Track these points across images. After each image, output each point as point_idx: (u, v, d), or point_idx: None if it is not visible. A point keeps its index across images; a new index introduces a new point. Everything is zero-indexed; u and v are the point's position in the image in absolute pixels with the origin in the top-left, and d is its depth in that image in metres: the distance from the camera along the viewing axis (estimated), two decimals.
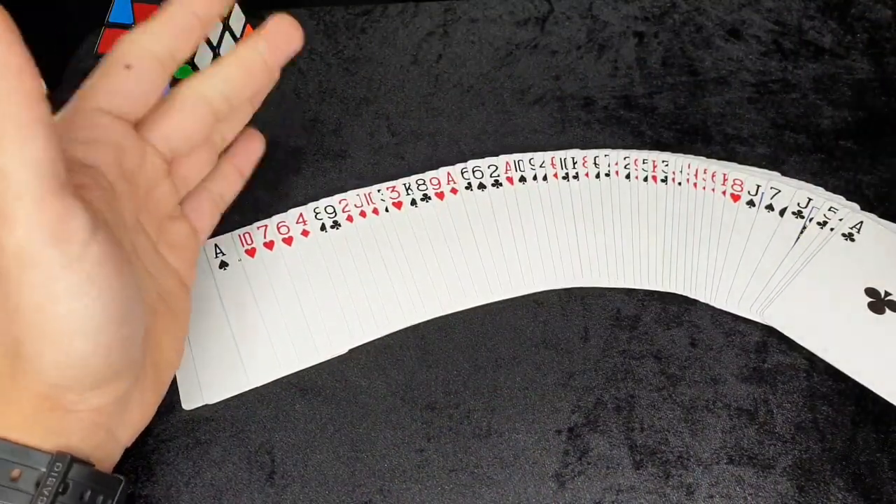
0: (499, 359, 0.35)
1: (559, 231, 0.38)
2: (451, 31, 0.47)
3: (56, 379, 0.24)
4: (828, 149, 0.40)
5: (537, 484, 0.32)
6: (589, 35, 0.46)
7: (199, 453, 0.33)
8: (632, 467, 0.32)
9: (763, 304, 0.35)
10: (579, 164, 0.40)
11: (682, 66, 0.44)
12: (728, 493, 0.31)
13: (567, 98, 0.44)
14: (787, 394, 0.33)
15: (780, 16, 0.46)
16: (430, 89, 0.45)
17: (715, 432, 0.33)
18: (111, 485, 0.27)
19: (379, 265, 0.37)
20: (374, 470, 0.33)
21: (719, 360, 0.34)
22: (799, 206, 0.38)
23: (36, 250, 0.21)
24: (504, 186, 0.39)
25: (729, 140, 0.41)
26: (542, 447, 0.33)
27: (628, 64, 0.45)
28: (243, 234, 0.38)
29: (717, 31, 0.46)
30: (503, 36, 0.47)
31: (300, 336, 0.35)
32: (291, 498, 0.32)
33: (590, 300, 0.36)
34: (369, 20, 0.48)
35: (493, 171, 0.40)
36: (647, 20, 0.47)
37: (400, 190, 0.39)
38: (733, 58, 0.44)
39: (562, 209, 0.38)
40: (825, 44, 0.45)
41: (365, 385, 0.35)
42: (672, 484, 0.32)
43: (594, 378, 0.34)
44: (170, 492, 0.32)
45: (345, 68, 0.46)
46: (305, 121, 0.44)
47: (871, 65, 0.44)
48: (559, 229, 0.38)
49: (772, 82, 0.43)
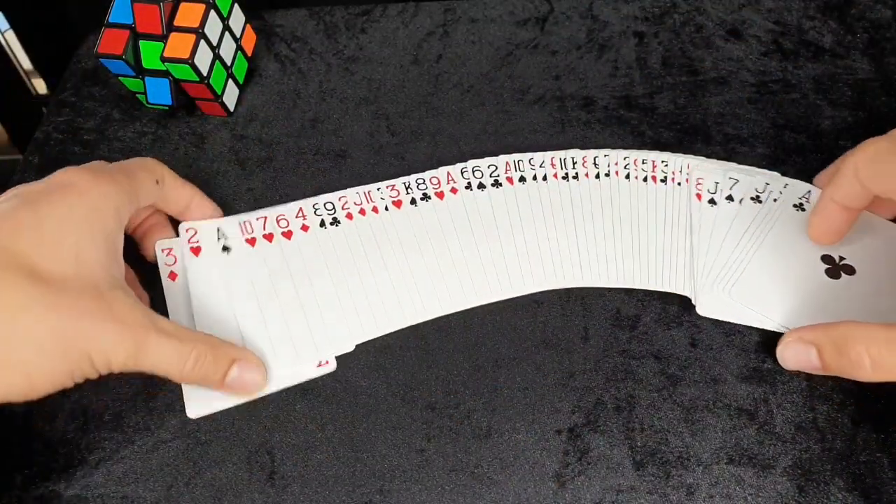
0: (499, 359, 0.35)
1: (558, 231, 0.38)
2: (451, 30, 0.47)
3: None
4: (828, 149, 0.40)
5: (537, 484, 0.32)
6: (589, 35, 0.46)
7: (199, 453, 0.33)
8: (632, 467, 0.32)
9: (730, 283, 0.36)
10: (579, 164, 0.40)
11: (682, 66, 0.44)
12: (728, 494, 0.31)
13: (567, 98, 0.43)
14: (787, 394, 0.33)
15: (781, 16, 0.46)
16: (430, 89, 0.45)
17: (715, 432, 0.33)
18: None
19: (378, 263, 0.37)
20: (374, 470, 0.33)
21: (719, 360, 0.34)
22: (757, 190, 0.38)
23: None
24: (504, 186, 0.39)
25: (729, 140, 0.41)
26: (542, 447, 0.33)
27: (628, 64, 0.45)
28: (244, 221, 0.38)
29: (718, 31, 0.46)
30: (503, 36, 0.47)
31: (300, 334, 0.35)
32: (291, 498, 0.32)
33: (590, 300, 0.36)
34: (369, 20, 0.48)
35: (492, 171, 0.40)
36: (647, 20, 0.47)
37: (400, 189, 0.39)
38: (733, 58, 0.44)
39: (561, 209, 0.38)
40: (825, 44, 0.45)
41: (365, 385, 0.35)
42: (672, 484, 0.32)
43: (594, 378, 0.34)
44: (170, 492, 0.32)
45: (345, 68, 0.46)
46: (305, 121, 0.44)
47: (871, 65, 0.44)
48: (559, 229, 0.38)
49: (772, 82, 0.43)
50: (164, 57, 0.40)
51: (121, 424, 0.34)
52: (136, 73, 0.42)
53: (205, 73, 0.41)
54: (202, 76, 0.41)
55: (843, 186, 0.34)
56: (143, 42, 0.41)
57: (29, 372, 0.28)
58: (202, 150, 0.43)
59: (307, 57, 0.47)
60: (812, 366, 0.32)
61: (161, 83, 0.42)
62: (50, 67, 0.65)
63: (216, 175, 0.42)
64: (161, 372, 0.31)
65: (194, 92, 0.43)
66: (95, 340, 0.29)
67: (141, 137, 0.44)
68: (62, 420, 0.35)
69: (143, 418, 0.34)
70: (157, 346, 0.30)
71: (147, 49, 0.41)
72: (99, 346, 0.29)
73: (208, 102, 0.43)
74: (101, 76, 0.47)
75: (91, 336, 0.29)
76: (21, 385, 0.28)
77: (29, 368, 0.28)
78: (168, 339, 0.30)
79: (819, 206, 0.36)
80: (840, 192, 0.34)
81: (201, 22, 0.41)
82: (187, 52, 0.40)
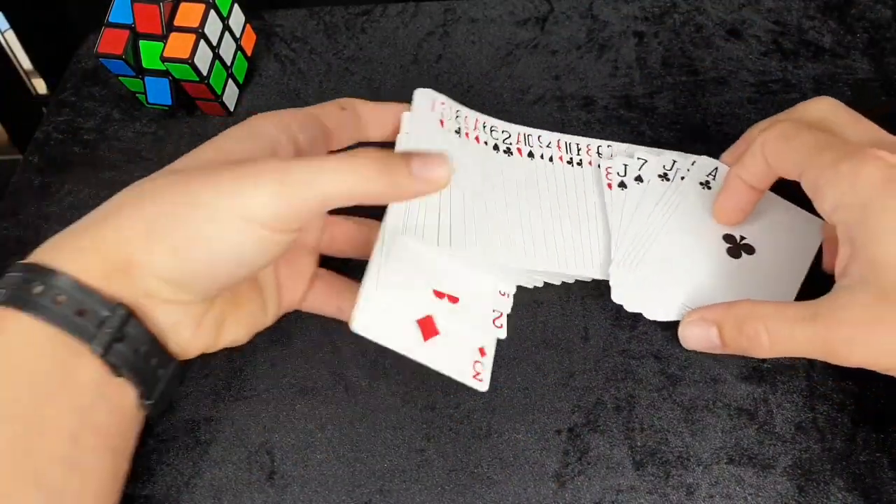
0: (499, 358, 0.35)
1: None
2: (451, 30, 0.47)
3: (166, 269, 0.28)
4: None
5: (537, 484, 0.32)
6: (589, 35, 0.46)
7: (199, 453, 0.33)
8: (632, 467, 0.32)
9: (635, 263, 0.35)
10: (583, 150, 0.40)
11: (682, 66, 0.44)
12: (728, 494, 0.31)
13: (567, 98, 0.43)
14: (787, 394, 0.33)
15: (780, 16, 0.46)
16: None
17: (715, 432, 0.33)
18: (165, 356, 0.29)
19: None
20: (374, 470, 0.33)
21: (719, 360, 0.34)
22: (665, 168, 0.38)
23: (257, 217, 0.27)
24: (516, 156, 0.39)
25: (729, 140, 0.41)
26: (542, 447, 0.33)
27: (628, 64, 0.45)
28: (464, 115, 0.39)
29: (718, 30, 0.46)
30: (503, 36, 0.47)
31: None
32: (291, 498, 0.32)
33: (589, 300, 0.36)
34: (369, 20, 0.48)
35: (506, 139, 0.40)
36: (647, 20, 0.47)
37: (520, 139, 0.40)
38: (733, 58, 0.44)
39: (565, 193, 0.38)
40: (825, 44, 0.45)
41: (365, 385, 0.35)
42: (672, 484, 0.32)
43: (594, 378, 0.34)
44: (170, 492, 0.32)
45: (345, 68, 0.46)
46: None
47: (871, 65, 0.44)
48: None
49: (772, 82, 0.43)
50: (164, 57, 0.40)
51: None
52: (136, 72, 0.42)
53: (205, 72, 0.41)
54: (202, 76, 0.41)
55: (750, 165, 0.34)
56: (142, 42, 0.41)
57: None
58: None
59: (307, 57, 0.47)
60: (712, 345, 0.32)
61: (161, 83, 0.42)
62: (50, 67, 0.65)
63: None
64: (337, 192, 0.27)
65: (194, 92, 0.43)
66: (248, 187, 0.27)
67: (141, 137, 0.44)
68: None
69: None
70: (321, 165, 0.27)
71: (147, 49, 0.41)
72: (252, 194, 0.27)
73: (208, 102, 0.43)
74: (101, 76, 0.47)
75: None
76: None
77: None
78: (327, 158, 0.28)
79: (726, 184, 0.35)
80: (747, 171, 0.34)
81: (201, 22, 0.41)
82: (187, 52, 0.40)
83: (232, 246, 0.27)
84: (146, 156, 0.43)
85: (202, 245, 0.27)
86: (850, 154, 0.29)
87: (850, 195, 0.29)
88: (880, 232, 0.28)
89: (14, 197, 0.43)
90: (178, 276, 0.28)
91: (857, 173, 0.29)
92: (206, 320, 0.30)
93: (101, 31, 0.41)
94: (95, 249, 0.27)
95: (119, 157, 0.43)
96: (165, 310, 0.28)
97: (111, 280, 0.27)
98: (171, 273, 0.28)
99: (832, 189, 0.29)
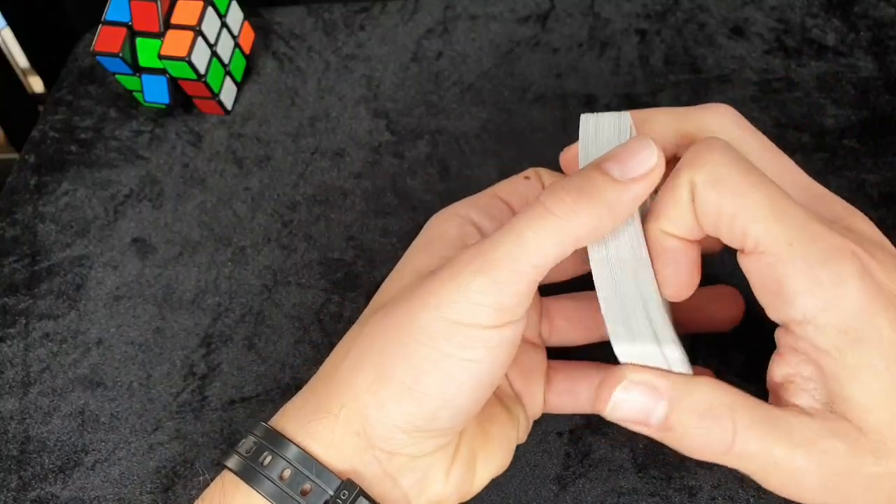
0: None
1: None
2: (452, 28, 0.47)
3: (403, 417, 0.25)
4: (831, 148, 0.40)
5: (538, 486, 0.32)
6: (591, 32, 0.46)
7: (196, 455, 0.33)
8: (634, 469, 0.32)
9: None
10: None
11: (684, 64, 0.44)
12: (730, 496, 0.31)
13: (568, 96, 0.43)
14: None
15: (784, 13, 0.46)
16: (430, 87, 0.44)
17: None
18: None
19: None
20: None
21: (722, 359, 0.34)
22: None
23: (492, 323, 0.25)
24: None
25: None
26: (543, 449, 0.32)
27: (630, 62, 0.44)
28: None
29: (720, 28, 0.45)
30: (504, 33, 0.46)
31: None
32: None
33: None
34: (368, 17, 0.48)
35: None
36: (649, 17, 0.46)
37: None
38: (736, 56, 0.44)
39: None
40: (828, 42, 0.44)
41: None
42: (674, 486, 0.31)
43: None
44: (167, 494, 0.32)
45: (343, 66, 0.46)
46: (304, 119, 0.44)
47: (874, 63, 0.43)
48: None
49: (775, 80, 0.43)
50: (162, 54, 0.40)
51: (117, 426, 0.34)
52: (133, 71, 0.42)
53: (202, 70, 0.41)
54: (199, 74, 0.41)
55: (674, 217, 0.25)
56: (140, 40, 0.41)
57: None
58: (199, 149, 0.43)
59: (305, 55, 0.46)
60: (646, 424, 0.26)
61: (158, 81, 0.42)
62: (46, 66, 0.65)
63: (213, 174, 0.41)
64: (542, 247, 0.24)
65: (191, 90, 0.42)
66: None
67: (138, 136, 0.44)
68: (58, 421, 0.34)
69: (140, 419, 0.34)
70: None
71: (144, 47, 0.41)
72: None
73: (206, 101, 0.43)
74: (98, 74, 0.47)
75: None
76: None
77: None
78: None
79: (655, 252, 0.26)
80: (672, 224, 0.25)
81: (199, 19, 0.40)
82: (185, 50, 0.40)
83: (462, 361, 0.25)
84: (143, 155, 0.43)
85: (432, 371, 0.25)
86: (828, 255, 0.23)
87: (833, 315, 0.23)
88: (862, 369, 0.23)
89: (10, 196, 0.42)
90: (418, 418, 0.25)
91: (841, 283, 0.23)
92: (455, 465, 0.27)
93: (98, 29, 0.41)
94: (327, 411, 0.26)
95: (116, 156, 0.43)
96: (412, 466, 0.26)
97: (342, 447, 0.25)
98: (409, 417, 0.25)
99: (810, 299, 0.23)
